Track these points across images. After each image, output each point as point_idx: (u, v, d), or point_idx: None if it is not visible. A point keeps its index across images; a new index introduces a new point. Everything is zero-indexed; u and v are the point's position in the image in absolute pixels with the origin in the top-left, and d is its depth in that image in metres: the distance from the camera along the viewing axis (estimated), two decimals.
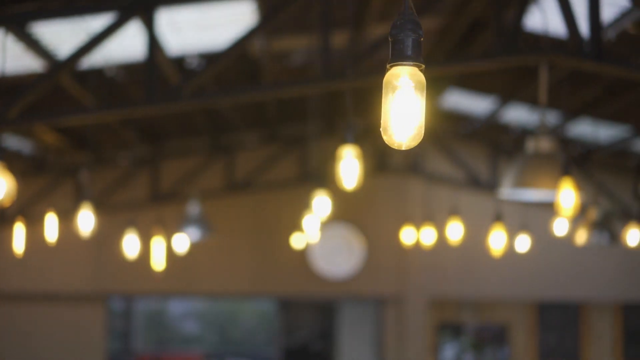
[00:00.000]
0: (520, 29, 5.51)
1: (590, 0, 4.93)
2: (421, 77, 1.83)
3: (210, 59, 6.96)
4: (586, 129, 10.00)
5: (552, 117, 9.15)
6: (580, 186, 5.25)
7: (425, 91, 1.83)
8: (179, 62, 7.21)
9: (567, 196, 5.06)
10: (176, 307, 16.90)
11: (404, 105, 1.82)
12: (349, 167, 4.26)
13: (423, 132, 1.85)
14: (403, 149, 1.85)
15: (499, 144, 11.34)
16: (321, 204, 5.87)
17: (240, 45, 5.12)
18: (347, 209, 10.99)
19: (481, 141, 11.44)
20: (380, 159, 11.46)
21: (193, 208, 8.96)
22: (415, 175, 11.53)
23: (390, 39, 1.84)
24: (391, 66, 1.84)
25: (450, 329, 13.14)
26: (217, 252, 11.36)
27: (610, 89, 8.25)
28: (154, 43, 5.07)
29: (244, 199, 11.44)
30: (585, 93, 8.34)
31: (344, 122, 10.95)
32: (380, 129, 1.87)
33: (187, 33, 6.72)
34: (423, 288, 11.67)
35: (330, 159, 10.66)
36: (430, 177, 11.47)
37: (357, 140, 4.98)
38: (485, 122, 10.34)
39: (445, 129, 11.24)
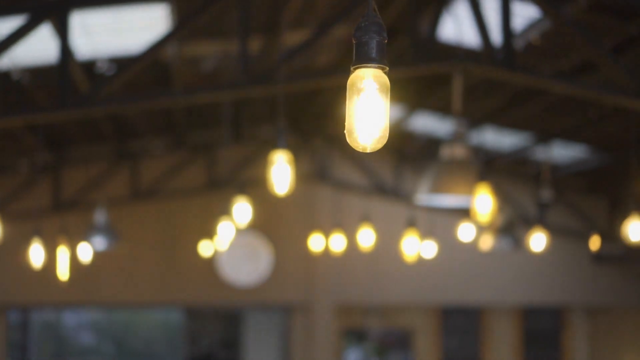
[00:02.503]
0: (434, 38, 5.62)
1: (503, 10, 5.06)
2: (385, 79, 1.83)
3: (121, 63, 6.82)
4: (489, 137, 10.24)
5: (457, 125, 9.33)
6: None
7: (389, 93, 1.83)
8: (89, 66, 7.03)
9: (484, 202, 5.17)
10: (71, 318, 16.47)
11: (368, 108, 1.82)
12: (281, 172, 4.24)
13: (388, 134, 1.85)
14: (368, 151, 1.86)
15: (404, 152, 11.50)
16: (241, 210, 5.82)
17: (155, 51, 5.03)
18: (255, 216, 10.91)
19: (387, 149, 11.58)
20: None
21: (99, 216, 8.75)
22: (323, 183, 11.58)
23: (354, 41, 1.84)
24: (355, 68, 1.84)
25: (354, 335, 13.24)
26: (122, 261, 11.13)
27: (513, 98, 8.48)
28: (66, 47, 4.91)
29: (151, 207, 11.25)
30: (489, 101, 8.54)
31: (251, 128, 10.95)
32: (345, 132, 1.86)
33: (98, 36, 6.57)
34: (330, 295, 11.71)
35: (238, 166, 10.67)
36: (338, 185, 11.53)
37: (267, 146, 4.95)
38: (391, 130, 10.45)
39: None
